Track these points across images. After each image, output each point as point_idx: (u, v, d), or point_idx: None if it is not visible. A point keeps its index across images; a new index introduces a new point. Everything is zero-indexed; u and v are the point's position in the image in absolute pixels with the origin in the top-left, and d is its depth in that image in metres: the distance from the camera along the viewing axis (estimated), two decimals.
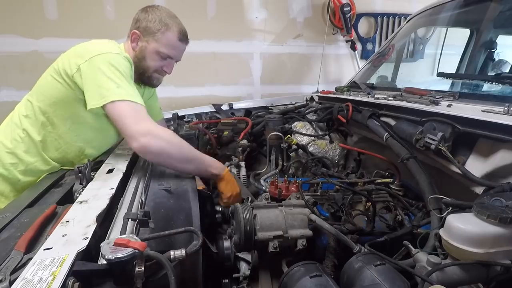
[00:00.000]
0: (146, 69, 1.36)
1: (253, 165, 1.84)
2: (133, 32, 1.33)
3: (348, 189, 1.16)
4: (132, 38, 1.34)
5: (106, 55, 1.16)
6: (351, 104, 1.62)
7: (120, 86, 1.13)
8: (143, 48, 1.33)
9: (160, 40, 1.32)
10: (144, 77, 1.39)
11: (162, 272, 0.65)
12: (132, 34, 1.33)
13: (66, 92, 1.19)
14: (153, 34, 1.31)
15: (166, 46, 1.34)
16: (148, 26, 1.31)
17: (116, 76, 1.14)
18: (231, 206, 1.04)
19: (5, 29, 2.56)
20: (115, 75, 1.14)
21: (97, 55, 1.15)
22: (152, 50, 1.33)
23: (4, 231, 0.80)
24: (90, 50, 1.17)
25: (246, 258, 1.06)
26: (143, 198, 0.96)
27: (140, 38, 1.33)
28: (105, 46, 1.22)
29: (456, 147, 1.07)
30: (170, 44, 1.35)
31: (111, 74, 1.13)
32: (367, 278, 0.72)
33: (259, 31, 3.21)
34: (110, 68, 1.14)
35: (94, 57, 1.14)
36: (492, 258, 0.68)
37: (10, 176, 1.25)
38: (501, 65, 2.05)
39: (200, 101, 2.64)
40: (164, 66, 1.39)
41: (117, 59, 1.17)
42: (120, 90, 1.12)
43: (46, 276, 0.55)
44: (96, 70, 1.13)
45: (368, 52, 3.50)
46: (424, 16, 2.04)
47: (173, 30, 1.33)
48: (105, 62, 1.14)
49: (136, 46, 1.34)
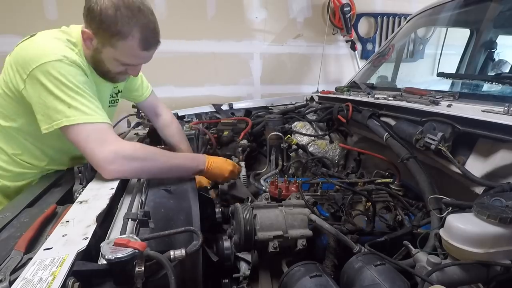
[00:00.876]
0: (107, 71, 1.12)
1: (253, 165, 1.85)
2: (84, 31, 1.02)
3: (348, 189, 1.16)
4: (82, 36, 1.04)
5: (46, 65, 0.94)
6: (351, 104, 1.62)
7: (71, 106, 0.94)
8: (98, 51, 1.05)
9: (117, 48, 1.03)
10: (107, 77, 1.16)
11: (162, 272, 0.65)
12: (82, 33, 1.03)
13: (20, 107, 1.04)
14: (108, 39, 1.01)
15: (125, 56, 1.06)
16: (101, 28, 0.99)
17: (64, 93, 0.94)
18: (231, 206, 1.04)
19: (5, 29, 2.56)
20: (62, 92, 0.94)
21: (36, 68, 0.94)
22: (109, 56, 1.06)
23: (4, 231, 0.80)
24: (29, 60, 0.95)
25: (246, 258, 1.06)
26: (143, 198, 0.96)
27: (93, 39, 1.04)
28: (46, 47, 0.98)
29: (456, 147, 1.07)
30: (131, 54, 1.06)
31: (57, 91, 0.94)
32: (367, 278, 0.72)
33: (259, 31, 3.21)
34: (55, 82, 0.94)
35: (34, 70, 0.94)
36: (492, 258, 0.68)
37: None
38: (501, 65, 2.05)
39: (200, 101, 2.64)
40: (129, 69, 1.15)
41: (61, 68, 0.95)
42: (71, 111, 0.94)
43: (46, 276, 0.55)
44: (39, 88, 0.94)
45: (368, 52, 3.50)
46: (424, 16, 2.04)
47: (133, 39, 1.01)
48: (47, 75, 0.94)
49: (90, 45, 1.05)
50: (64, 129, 0.95)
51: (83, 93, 0.98)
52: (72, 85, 0.96)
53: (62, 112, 0.94)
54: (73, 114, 0.94)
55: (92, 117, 0.97)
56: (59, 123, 0.94)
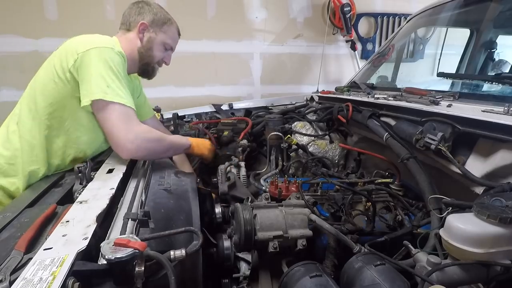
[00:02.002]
0: (151, 59, 1.40)
1: (253, 165, 1.84)
2: (141, 23, 1.34)
3: (348, 189, 1.15)
4: (139, 28, 1.34)
5: (99, 49, 1.14)
6: (351, 104, 1.62)
7: (110, 86, 1.11)
8: (151, 39, 1.36)
9: (167, 32, 1.39)
10: (149, 68, 1.43)
11: (162, 272, 0.65)
12: (140, 25, 1.34)
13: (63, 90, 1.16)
14: (160, 26, 1.37)
15: (171, 39, 1.42)
16: (155, 18, 1.36)
17: (107, 74, 1.12)
18: (231, 206, 1.04)
19: (5, 29, 2.56)
20: (106, 73, 1.12)
21: (92, 49, 1.13)
22: (160, 41, 1.38)
23: (4, 231, 0.80)
24: (85, 43, 1.15)
25: (246, 258, 1.06)
26: (143, 198, 0.96)
27: (147, 29, 1.35)
28: (99, 39, 1.21)
29: (456, 147, 1.07)
30: (174, 37, 1.44)
31: (103, 71, 1.12)
32: (367, 278, 0.72)
33: (259, 31, 3.21)
34: (103, 63, 1.12)
35: (89, 50, 1.12)
36: (492, 258, 0.68)
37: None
38: (501, 65, 2.05)
39: (200, 101, 2.64)
40: (165, 58, 1.45)
41: (111, 54, 1.16)
42: (109, 89, 1.11)
43: (46, 276, 0.55)
44: (88, 64, 1.11)
45: (368, 52, 3.50)
46: (424, 16, 2.04)
47: (174, 25, 1.43)
48: (99, 56, 1.13)
49: (143, 36, 1.36)
50: (98, 103, 1.10)
51: (122, 79, 1.17)
52: (116, 70, 1.15)
53: (101, 88, 1.09)
54: (110, 92, 1.10)
55: (124, 100, 1.13)
56: (95, 95, 1.09)
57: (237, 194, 1.28)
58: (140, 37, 1.36)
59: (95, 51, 1.13)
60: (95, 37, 1.21)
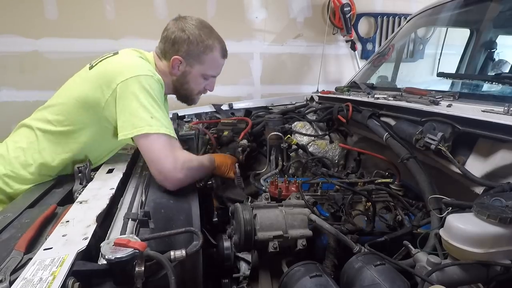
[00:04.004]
0: (189, 92, 1.31)
1: (253, 165, 1.84)
2: (174, 58, 1.22)
3: (348, 189, 1.15)
4: (172, 64, 1.23)
5: (140, 77, 1.06)
6: (351, 104, 1.62)
7: (154, 117, 1.05)
8: (187, 73, 1.25)
9: (205, 63, 1.25)
10: (188, 100, 1.36)
11: (162, 272, 0.65)
12: (173, 61, 1.22)
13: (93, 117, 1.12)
14: (197, 57, 1.23)
15: (211, 68, 1.28)
16: (191, 49, 1.21)
17: (150, 104, 1.06)
18: (231, 206, 1.04)
19: (5, 29, 2.56)
20: (148, 103, 1.06)
21: (132, 78, 1.06)
22: (197, 74, 1.26)
23: (4, 231, 0.80)
24: (123, 71, 1.07)
25: (246, 258, 1.06)
26: (143, 198, 0.96)
27: (181, 63, 1.24)
28: (138, 64, 1.13)
29: (456, 147, 1.07)
30: (216, 65, 1.30)
31: (145, 101, 1.05)
32: (367, 278, 0.72)
33: (259, 31, 3.21)
34: (144, 93, 1.06)
35: (128, 80, 1.05)
36: (492, 258, 0.68)
37: None
38: (501, 65, 2.05)
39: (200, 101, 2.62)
40: (207, 85, 1.34)
41: (150, 82, 1.08)
42: (154, 121, 1.05)
43: (46, 276, 0.55)
44: (129, 96, 1.05)
45: (368, 52, 3.50)
46: (424, 16, 2.04)
47: (216, 49, 1.26)
48: (139, 85, 1.05)
49: (178, 71, 1.25)
50: (142, 136, 1.04)
51: (163, 108, 1.11)
52: (157, 99, 1.09)
53: (145, 120, 1.04)
54: (155, 124, 1.04)
55: (168, 130, 1.08)
56: (140, 129, 1.03)
57: (232, 196, 1.29)
58: (174, 72, 1.25)
59: (134, 80, 1.06)
60: (132, 61, 1.14)
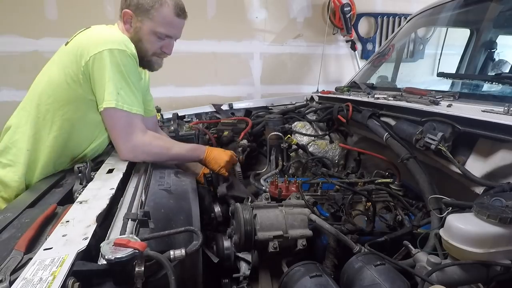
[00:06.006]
0: (144, 52, 1.24)
1: (253, 165, 1.84)
2: (124, 11, 1.19)
3: (348, 189, 1.15)
4: (124, 18, 1.20)
5: (113, 52, 1.08)
6: (351, 104, 1.62)
7: (119, 93, 1.09)
8: (138, 29, 1.20)
9: (156, 18, 1.18)
10: (143, 62, 1.28)
11: (162, 272, 0.65)
12: (123, 14, 1.20)
13: (76, 92, 1.13)
14: (146, 12, 1.17)
15: (163, 25, 1.20)
16: (140, 2, 1.17)
17: (118, 80, 1.09)
18: (231, 206, 1.04)
19: (5, 29, 2.56)
20: (117, 78, 1.09)
21: (105, 50, 1.07)
22: (148, 30, 1.20)
23: (4, 231, 0.80)
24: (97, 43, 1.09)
25: (246, 258, 1.06)
26: (143, 198, 0.96)
27: (133, 18, 1.20)
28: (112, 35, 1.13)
29: (456, 147, 1.07)
30: (167, 22, 1.20)
31: (114, 76, 1.08)
32: (367, 278, 0.72)
33: (259, 31, 3.21)
34: (116, 68, 1.09)
35: (102, 52, 1.07)
36: (492, 258, 0.68)
37: None
38: (501, 65, 2.05)
39: (200, 101, 2.64)
40: (163, 47, 1.26)
41: (122, 57, 1.10)
42: (119, 97, 1.09)
43: (46, 276, 0.55)
44: (102, 67, 1.07)
45: (368, 52, 3.50)
46: (424, 16, 2.04)
47: (167, 5, 1.18)
48: (111, 60, 1.08)
49: (130, 27, 1.22)
50: (109, 110, 1.10)
51: (131, 84, 1.14)
52: (127, 75, 1.12)
53: (112, 95, 1.08)
54: (120, 99, 1.10)
55: (132, 108, 1.12)
56: (108, 103, 1.08)
57: (237, 193, 1.29)
58: (126, 28, 1.22)
59: (107, 53, 1.07)
60: (106, 34, 1.14)
